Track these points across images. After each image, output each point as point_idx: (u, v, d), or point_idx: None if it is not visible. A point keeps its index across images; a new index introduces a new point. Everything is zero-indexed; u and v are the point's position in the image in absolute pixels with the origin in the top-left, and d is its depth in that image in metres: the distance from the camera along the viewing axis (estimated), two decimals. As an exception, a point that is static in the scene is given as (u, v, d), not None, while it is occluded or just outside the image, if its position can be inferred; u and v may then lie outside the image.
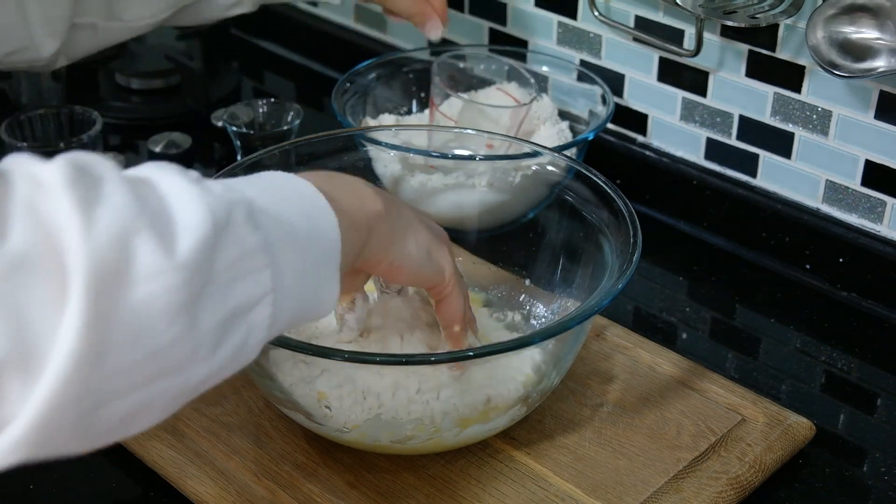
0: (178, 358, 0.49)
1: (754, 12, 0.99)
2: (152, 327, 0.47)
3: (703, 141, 1.13)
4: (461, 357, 0.75)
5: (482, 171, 0.98)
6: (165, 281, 0.47)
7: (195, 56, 1.39)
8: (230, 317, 0.52)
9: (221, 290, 0.51)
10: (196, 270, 0.49)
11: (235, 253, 0.52)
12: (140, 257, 0.47)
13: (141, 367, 0.48)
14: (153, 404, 0.50)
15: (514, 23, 1.24)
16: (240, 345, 0.53)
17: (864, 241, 1.02)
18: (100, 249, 0.45)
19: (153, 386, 0.49)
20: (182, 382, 0.51)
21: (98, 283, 0.45)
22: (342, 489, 0.78)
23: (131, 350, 0.47)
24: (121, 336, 0.46)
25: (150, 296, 0.47)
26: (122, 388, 0.48)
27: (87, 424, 0.47)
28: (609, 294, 0.75)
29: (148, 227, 0.47)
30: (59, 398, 0.45)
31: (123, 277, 0.46)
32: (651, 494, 0.77)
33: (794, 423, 0.84)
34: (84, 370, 0.45)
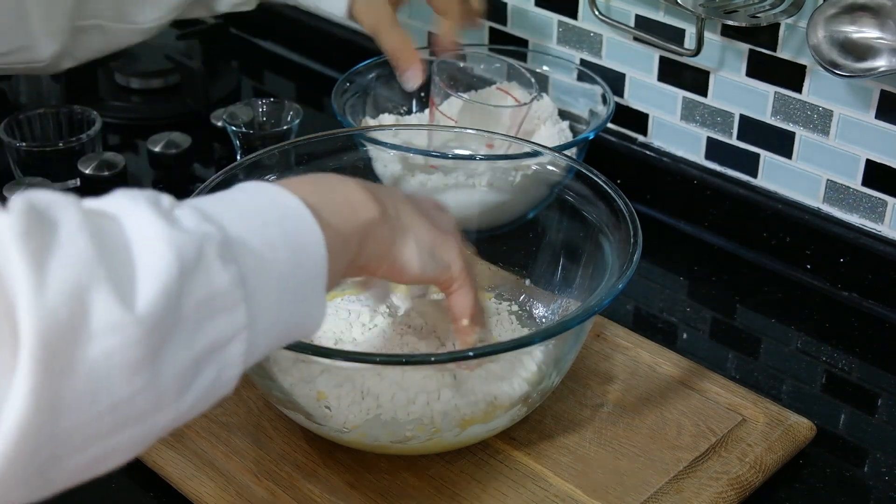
0: (140, 408, 0.48)
1: (755, 12, 0.99)
2: (110, 382, 0.46)
3: (704, 141, 1.13)
4: (461, 357, 0.74)
5: (482, 171, 0.98)
6: (123, 336, 0.46)
7: (195, 56, 1.39)
8: (199, 359, 0.50)
9: (189, 333, 0.49)
10: (157, 322, 0.47)
11: (204, 293, 0.50)
12: (96, 312, 0.45)
13: (100, 421, 0.46)
14: (116, 452, 0.49)
15: (514, 23, 1.24)
16: (210, 384, 0.52)
17: (864, 241, 1.02)
18: (51, 308, 0.44)
19: (115, 436, 0.48)
20: (146, 429, 0.49)
21: (50, 342, 0.43)
22: (342, 489, 0.78)
23: (89, 406, 0.45)
24: (77, 394, 0.45)
25: (107, 351, 0.45)
26: (80, 443, 0.46)
27: (42, 479, 0.46)
28: (609, 294, 0.75)
29: (105, 280, 0.46)
30: (9, 459, 0.43)
31: (78, 334, 0.44)
32: (651, 495, 0.77)
33: (795, 423, 0.84)
34: (35, 431, 0.44)
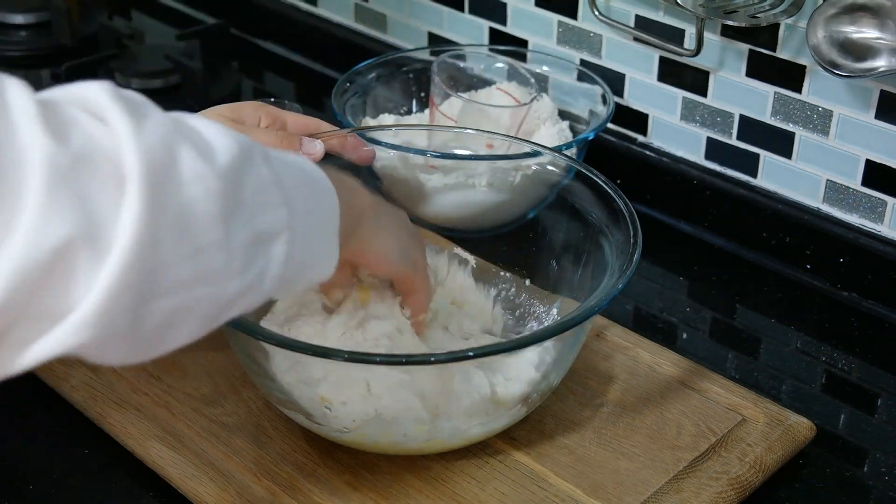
0: (214, 265, 0.53)
1: (755, 12, 0.99)
2: (195, 226, 0.51)
3: (704, 141, 1.13)
4: (461, 357, 0.74)
5: (482, 171, 0.98)
6: (207, 185, 0.52)
7: (195, 56, 1.39)
8: (255, 241, 0.55)
9: (248, 213, 0.54)
10: (231, 184, 0.53)
11: (257, 183, 0.55)
12: (184, 162, 0.51)
13: (185, 266, 0.51)
14: (191, 312, 0.53)
15: (514, 23, 1.24)
16: (261, 273, 0.56)
17: (864, 241, 1.02)
18: (150, 150, 0.49)
19: (193, 290, 0.52)
20: (216, 294, 0.54)
21: (151, 178, 0.49)
22: (342, 489, 0.78)
23: (178, 245, 0.50)
24: (170, 230, 0.50)
25: (194, 197, 0.51)
26: (169, 284, 0.51)
27: (138, 318, 0.50)
28: (609, 294, 0.75)
29: (188, 141, 0.52)
30: (122, 281, 0.48)
31: (172, 177, 0.50)
32: (651, 495, 0.77)
33: (795, 423, 0.84)
34: (142, 256, 0.49)
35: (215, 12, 1.57)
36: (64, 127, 0.48)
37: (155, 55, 1.40)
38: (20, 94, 0.48)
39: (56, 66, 1.38)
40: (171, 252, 0.50)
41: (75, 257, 0.47)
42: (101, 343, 0.50)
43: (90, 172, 0.48)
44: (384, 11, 1.38)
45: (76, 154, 0.48)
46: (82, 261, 0.47)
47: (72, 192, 0.47)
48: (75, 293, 0.48)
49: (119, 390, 0.86)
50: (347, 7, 1.43)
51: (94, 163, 0.48)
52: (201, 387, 0.87)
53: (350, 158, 0.89)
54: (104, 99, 0.51)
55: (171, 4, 1.66)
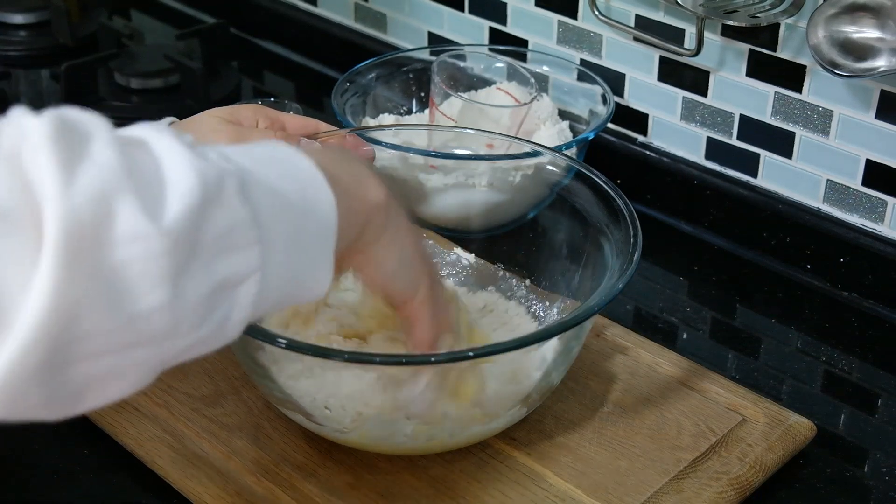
0: (158, 328, 0.48)
1: (755, 12, 0.99)
2: (130, 292, 0.46)
3: (704, 141, 1.13)
4: (461, 357, 0.74)
5: (482, 171, 0.98)
6: (147, 246, 0.46)
7: (195, 56, 1.39)
8: (215, 290, 0.50)
9: (207, 262, 0.49)
10: (181, 239, 0.47)
11: (224, 225, 0.50)
12: (121, 219, 0.46)
13: (117, 333, 0.46)
14: (126, 372, 0.49)
15: (514, 22, 1.24)
16: (221, 322, 0.52)
17: (864, 241, 1.02)
18: (78, 207, 0.44)
19: (128, 354, 0.48)
20: (159, 354, 0.49)
21: (74, 242, 0.44)
22: (342, 489, 0.78)
23: (107, 314, 0.46)
24: (96, 298, 0.45)
25: (129, 259, 0.46)
26: (94, 351, 0.46)
27: (54, 385, 0.46)
28: (609, 294, 0.75)
29: (133, 190, 0.46)
30: (26, 359, 0.44)
31: (102, 238, 0.45)
32: (651, 495, 0.77)
33: (795, 423, 0.84)
34: (56, 330, 0.44)
35: (215, 12, 1.57)
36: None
37: (155, 55, 1.40)
38: None
39: (56, 66, 1.37)
40: (98, 322, 0.45)
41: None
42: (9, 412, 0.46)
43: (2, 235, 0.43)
44: (384, 11, 1.38)
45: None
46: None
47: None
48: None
49: (119, 390, 0.86)
50: (347, 7, 1.43)
51: (10, 222, 0.43)
52: (201, 387, 0.87)
53: None
54: (40, 139, 0.45)
55: (171, 4, 1.66)
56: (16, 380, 0.44)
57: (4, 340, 0.43)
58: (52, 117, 0.46)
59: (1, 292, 0.43)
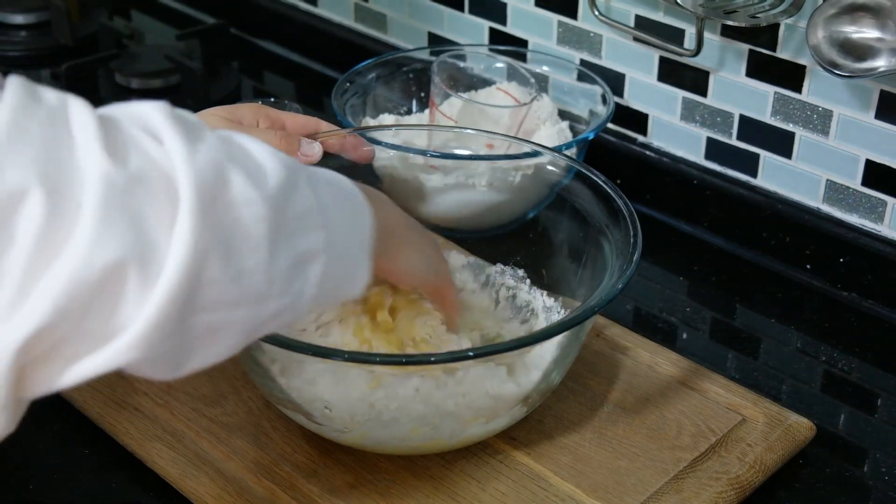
0: (256, 288, 0.53)
1: (755, 12, 0.99)
2: (241, 248, 0.52)
3: (704, 141, 1.13)
4: (461, 357, 0.75)
5: (482, 171, 0.98)
6: (254, 209, 0.53)
7: (195, 56, 1.39)
8: (295, 264, 0.56)
9: (291, 236, 0.55)
10: (276, 209, 0.54)
11: (301, 207, 0.56)
12: (235, 186, 0.52)
13: (229, 287, 0.52)
14: (229, 330, 0.54)
15: (514, 23, 1.24)
16: (298, 294, 0.57)
17: (864, 241, 1.02)
18: (202, 173, 0.51)
19: (233, 310, 0.53)
20: (254, 315, 0.54)
21: (202, 200, 0.50)
22: (342, 489, 0.78)
23: (224, 266, 0.51)
24: (218, 251, 0.51)
25: (242, 220, 0.52)
26: (212, 302, 0.52)
27: (182, 334, 0.51)
28: (609, 294, 0.75)
29: (239, 164, 0.53)
30: (170, 303, 0.49)
31: (222, 199, 0.51)
32: (651, 495, 0.77)
33: (795, 423, 0.84)
34: (190, 277, 0.49)
35: (215, 12, 1.57)
36: (122, 147, 0.50)
37: (155, 55, 1.40)
38: (82, 112, 0.49)
39: (56, 66, 1.38)
40: (217, 273, 0.51)
41: (126, 278, 0.48)
42: (146, 362, 0.50)
43: (144, 194, 0.49)
44: (384, 11, 1.38)
45: (132, 175, 0.49)
46: (132, 282, 0.48)
47: (125, 213, 0.48)
48: (124, 313, 0.48)
49: (119, 390, 0.86)
50: (347, 7, 1.43)
51: (149, 184, 0.49)
52: (201, 387, 0.87)
53: (350, 157, 0.89)
54: (160, 120, 0.52)
55: (171, 4, 1.66)
56: (162, 322, 0.49)
57: (156, 285, 0.48)
58: (160, 105, 0.53)
59: (153, 243, 0.49)
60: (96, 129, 0.49)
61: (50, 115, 0.48)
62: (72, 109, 0.49)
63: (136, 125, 0.52)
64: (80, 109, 0.50)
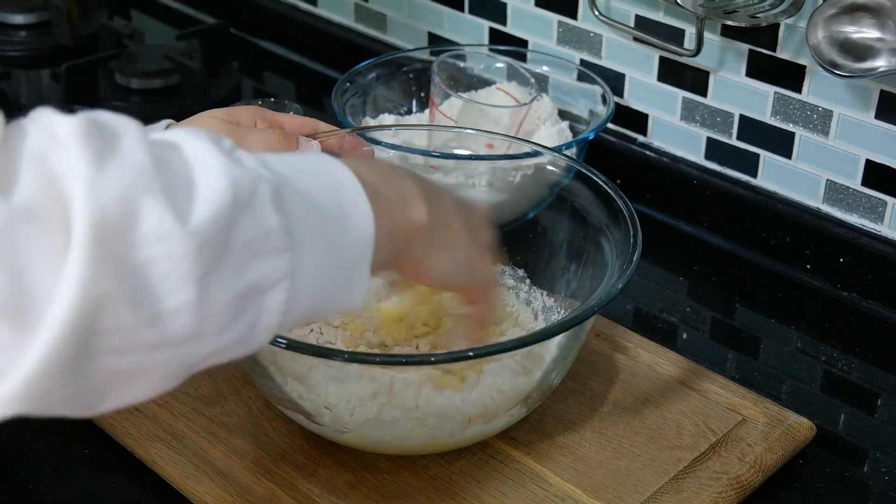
0: (180, 330, 0.48)
1: (755, 12, 0.99)
2: (153, 291, 0.46)
3: (704, 141, 1.13)
4: (461, 357, 0.74)
5: (482, 171, 0.98)
6: (172, 246, 0.47)
7: (195, 56, 1.39)
8: (241, 296, 0.51)
9: (235, 267, 0.50)
10: (208, 242, 0.48)
11: (254, 231, 0.50)
12: (147, 218, 0.46)
13: (140, 331, 0.47)
14: (151, 373, 0.49)
15: (514, 23, 1.24)
16: (249, 328, 0.52)
17: (864, 241, 1.02)
18: (105, 204, 0.45)
19: (151, 354, 0.48)
20: (183, 357, 0.49)
21: (102, 237, 0.45)
22: (342, 489, 0.78)
23: (131, 312, 0.46)
24: (120, 295, 0.45)
25: (153, 258, 0.46)
26: (117, 347, 0.47)
27: (79, 380, 0.46)
28: (609, 294, 0.75)
29: (160, 190, 0.47)
30: (57, 350, 0.44)
31: (128, 235, 0.46)
32: (651, 495, 0.77)
33: (795, 423, 0.84)
34: (82, 326, 0.45)
35: (215, 12, 1.58)
36: (13, 174, 0.44)
37: (155, 55, 1.40)
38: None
39: (56, 66, 1.38)
40: (122, 319, 0.46)
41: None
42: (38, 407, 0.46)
43: (32, 231, 0.44)
44: (384, 11, 1.38)
45: (19, 208, 0.44)
46: (3, 337, 0.43)
47: (4, 255, 0.43)
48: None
49: (119, 390, 0.86)
50: (347, 7, 1.43)
51: (39, 218, 0.44)
52: (201, 387, 0.87)
53: None
54: (70, 136, 0.46)
55: (171, 4, 1.66)
56: (47, 372, 0.44)
57: (36, 334, 0.44)
58: (82, 118, 0.47)
59: (31, 287, 0.44)
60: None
61: None
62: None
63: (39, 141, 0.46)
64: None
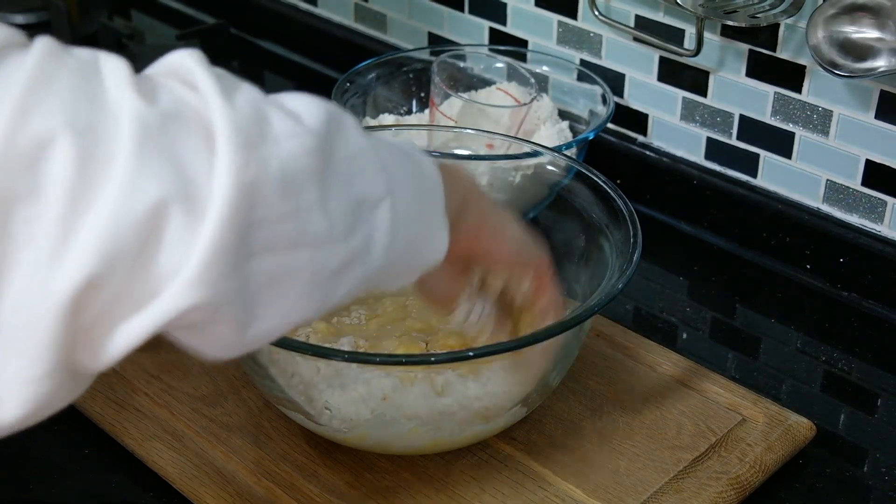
0: (315, 226, 0.51)
1: (755, 12, 0.99)
2: (293, 182, 0.50)
3: (704, 141, 1.13)
4: (461, 357, 0.74)
5: (482, 171, 0.98)
6: (301, 141, 0.51)
7: (195, 56, 1.39)
8: (356, 205, 0.53)
9: (343, 177, 0.53)
10: (323, 143, 0.52)
11: (351, 148, 0.54)
12: (275, 121, 0.50)
13: (285, 224, 0.50)
14: (297, 275, 0.51)
15: (514, 23, 1.24)
16: (368, 238, 0.54)
17: (864, 241, 1.02)
18: (239, 110, 0.49)
19: (296, 252, 0.51)
20: (321, 259, 0.52)
21: (241, 136, 0.48)
22: (342, 489, 0.78)
23: (277, 201, 0.49)
24: (267, 186, 0.49)
25: (290, 153, 0.50)
26: (270, 242, 0.50)
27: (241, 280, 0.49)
28: (609, 294, 0.75)
29: (277, 106, 0.52)
30: (222, 238, 0.47)
31: (264, 135, 0.49)
32: (651, 494, 0.77)
33: (795, 423, 0.84)
34: (240, 212, 0.47)
35: (215, 12, 1.57)
36: (153, 90, 0.49)
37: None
38: (114, 61, 0.49)
39: (56, 66, 1.37)
40: (270, 209, 0.49)
41: (170, 218, 0.46)
42: (211, 307, 0.48)
43: (180, 131, 0.48)
44: (384, 11, 1.38)
45: (165, 113, 0.48)
46: (178, 221, 0.46)
47: (162, 151, 0.46)
48: (174, 256, 0.46)
49: (119, 390, 0.86)
50: (347, 7, 1.43)
51: (184, 122, 0.48)
52: (201, 387, 0.87)
53: None
54: (193, 65, 0.51)
55: (171, 4, 1.66)
56: (217, 259, 0.47)
57: (205, 220, 0.47)
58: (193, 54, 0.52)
59: (194, 179, 0.47)
60: (127, 75, 0.48)
61: (80, 65, 0.48)
62: (103, 60, 0.49)
63: (168, 72, 0.52)
64: (112, 59, 0.49)
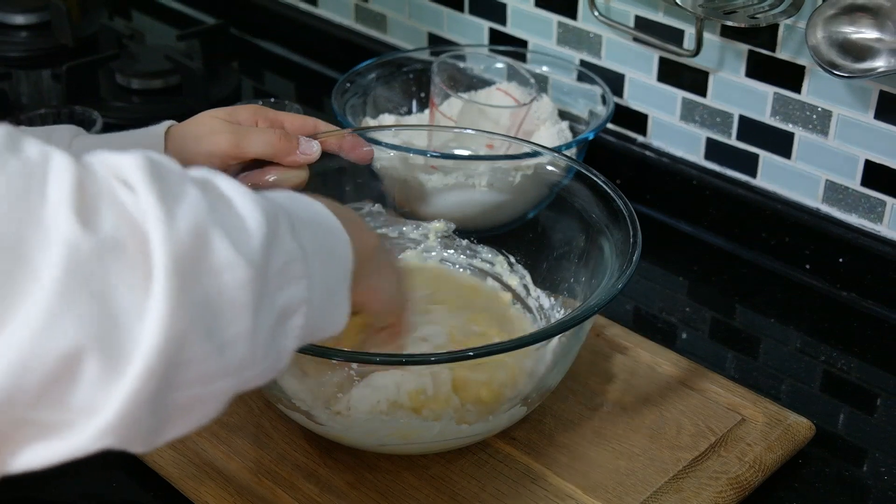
0: (240, 357, 0.50)
1: (754, 12, 0.99)
2: (222, 319, 0.48)
3: (703, 141, 1.13)
4: (461, 357, 0.74)
5: (482, 171, 0.98)
6: (236, 274, 0.49)
7: (195, 56, 1.39)
8: (276, 322, 0.52)
9: (272, 294, 0.52)
10: (259, 270, 0.50)
11: (283, 259, 0.53)
12: (215, 250, 0.48)
13: (209, 361, 0.48)
14: (208, 403, 0.51)
15: (514, 23, 1.24)
16: (279, 352, 0.54)
17: (863, 241, 1.02)
18: (181, 238, 0.46)
19: (213, 384, 0.50)
20: (236, 384, 0.51)
21: (180, 269, 0.46)
22: (342, 489, 0.78)
23: (205, 341, 0.47)
24: (198, 325, 0.47)
25: (223, 287, 0.48)
26: (190, 379, 0.48)
27: (158, 412, 0.47)
28: (609, 294, 0.75)
29: (220, 224, 0.49)
30: (145, 384, 0.45)
31: (202, 266, 0.47)
32: (651, 494, 0.77)
33: (794, 422, 0.84)
34: (167, 358, 0.45)
35: (215, 12, 1.58)
36: (95, 209, 0.46)
37: (155, 55, 1.40)
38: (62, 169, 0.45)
39: (56, 66, 1.38)
40: (197, 349, 0.47)
41: (85, 365, 0.43)
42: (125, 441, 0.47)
43: (114, 264, 0.45)
44: (384, 11, 1.38)
45: (103, 242, 0.45)
46: (94, 369, 0.44)
47: (90, 288, 0.44)
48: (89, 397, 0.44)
49: (119, 390, 0.86)
50: (347, 7, 1.43)
51: (120, 252, 0.45)
52: (201, 387, 0.87)
53: (348, 158, 0.89)
54: (138, 177, 0.48)
55: (171, 4, 1.66)
56: (136, 406, 0.45)
57: (126, 368, 0.45)
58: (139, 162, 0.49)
59: (121, 321, 0.44)
60: (72, 188, 0.45)
61: (24, 169, 0.44)
62: (52, 165, 0.45)
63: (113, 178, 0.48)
64: (61, 166, 0.45)
